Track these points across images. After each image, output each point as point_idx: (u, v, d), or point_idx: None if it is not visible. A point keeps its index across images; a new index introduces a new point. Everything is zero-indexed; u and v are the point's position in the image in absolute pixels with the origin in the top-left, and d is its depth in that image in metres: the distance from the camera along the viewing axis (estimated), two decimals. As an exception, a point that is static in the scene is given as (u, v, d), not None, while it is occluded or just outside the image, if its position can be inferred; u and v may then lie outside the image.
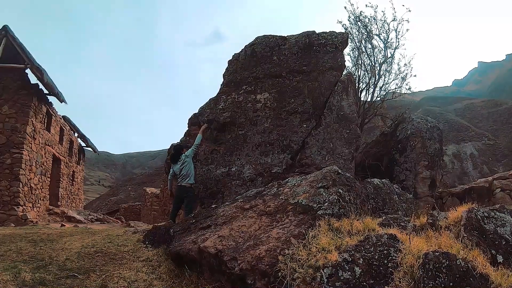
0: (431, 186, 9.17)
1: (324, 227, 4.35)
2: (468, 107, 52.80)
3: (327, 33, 9.31)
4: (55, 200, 17.05)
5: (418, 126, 9.60)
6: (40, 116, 14.51)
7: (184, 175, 7.86)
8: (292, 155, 8.07)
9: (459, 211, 4.27)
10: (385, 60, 11.64)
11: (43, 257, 5.45)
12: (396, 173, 9.40)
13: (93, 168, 64.73)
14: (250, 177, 7.95)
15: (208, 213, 5.81)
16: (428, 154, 9.25)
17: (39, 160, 14.34)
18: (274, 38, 9.51)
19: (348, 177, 5.51)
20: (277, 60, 9.15)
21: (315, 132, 8.18)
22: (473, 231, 3.80)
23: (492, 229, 3.79)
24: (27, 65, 12.90)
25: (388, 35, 11.63)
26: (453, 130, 41.69)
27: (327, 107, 8.36)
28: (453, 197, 10.19)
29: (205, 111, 8.91)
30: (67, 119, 19.33)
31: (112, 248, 5.95)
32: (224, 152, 8.41)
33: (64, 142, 18.44)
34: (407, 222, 4.47)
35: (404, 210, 6.02)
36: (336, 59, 8.87)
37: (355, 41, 11.88)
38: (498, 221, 3.89)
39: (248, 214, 5.17)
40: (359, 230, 4.24)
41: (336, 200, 4.83)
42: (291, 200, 5.08)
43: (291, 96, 8.55)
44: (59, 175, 17.77)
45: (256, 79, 9.00)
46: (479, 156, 38.10)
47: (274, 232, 4.48)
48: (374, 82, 11.56)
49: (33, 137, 13.69)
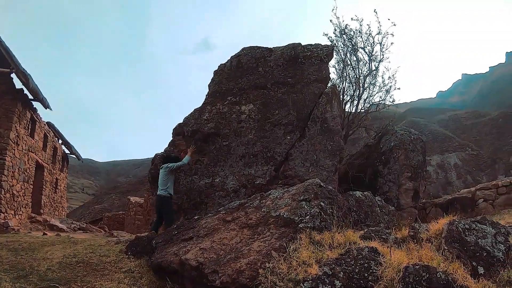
0: (414, 197, 9.26)
1: (305, 240, 4.37)
2: (452, 118, 53.85)
3: (313, 45, 9.40)
4: (37, 208, 16.71)
5: (401, 138, 9.71)
6: (24, 122, 14.28)
7: (160, 184, 7.82)
8: (276, 166, 8.08)
9: (441, 223, 4.32)
10: (369, 72, 11.75)
11: (24, 266, 5.38)
12: (380, 185, 9.48)
13: (77, 176, 63.91)
14: (233, 189, 7.94)
15: (191, 225, 5.80)
16: (411, 165, 9.34)
17: (22, 166, 14.08)
18: (260, 50, 9.58)
19: (330, 190, 5.55)
20: (262, 71, 9.20)
21: (299, 144, 8.21)
22: (454, 243, 3.86)
23: (473, 241, 3.85)
24: (12, 70, 12.63)
25: (373, 48, 11.73)
26: (437, 141, 42.37)
27: (311, 119, 8.40)
28: (437, 208, 10.30)
29: (190, 121, 8.89)
30: (51, 126, 19.05)
31: (94, 259, 5.91)
32: (208, 162, 8.39)
33: (47, 149, 18.15)
34: (389, 235, 4.52)
35: (386, 222, 6.07)
36: (321, 71, 8.94)
37: (340, 54, 11.97)
38: (479, 232, 3.95)
39: (230, 226, 5.17)
40: (341, 243, 4.27)
41: (317, 213, 4.86)
42: (273, 213, 5.10)
43: (276, 108, 8.58)
44: (42, 182, 17.45)
45: (241, 90, 9.02)
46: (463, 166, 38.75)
47: (255, 245, 4.49)
48: (358, 94, 11.65)
49: (16, 143, 13.45)
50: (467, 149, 40.93)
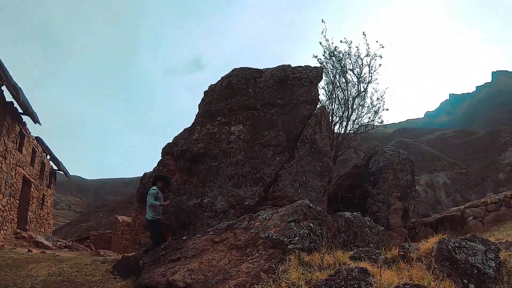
0: (403, 217, 9.28)
1: (295, 261, 4.36)
2: (440, 137, 54.46)
3: (302, 67, 9.55)
4: (23, 224, 16.35)
5: (390, 158, 9.80)
6: (13, 135, 14.11)
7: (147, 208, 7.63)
8: (265, 187, 8.10)
9: (430, 242, 4.35)
10: (358, 94, 11.96)
11: (7, 283, 5.29)
12: (369, 205, 9.51)
13: (64, 193, 62.87)
14: (222, 209, 7.90)
15: (179, 245, 5.75)
16: (400, 185, 9.40)
17: (8, 181, 13.84)
18: (250, 71, 9.69)
19: (320, 211, 5.57)
20: (252, 92, 9.29)
21: (288, 165, 8.25)
22: (444, 261, 3.87)
23: (464, 258, 3.87)
24: (3, 82, 12.49)
25: (362, 70, 11.97)
26: (425, 160, 42.71)
27: (300, 140, 8.47)
28: (426, 227, 10.35)
29: (180, 141, 8.89)
30: (40, 141, 18.84)
31: (80, 278, 5.83)
32: (196, 183, 8.36)
33: (35, 164, 17.91)
34: (378, 255, 4.52)
35: (376, 242, 6.08)
36: (311, 93, 9.06)
37: (329, 75, 12.17)
38: (470, 250, 3.98)
39: (219, 247, 5.14)
40: (330, 264, 4.26)
41: (306, 234, 4.87)
42: (261, 234, 5.09)
43: (265, 129, 8.64)
44: (28, 198, 17.11)
45: (231, 111, 9.08)
46: (451, 184, 38.97)
47: (244, 266, 4.46)
48: (347, 115, 11.81)
49: (4, 157, 13.25)
50: (456, 168, 41.28)
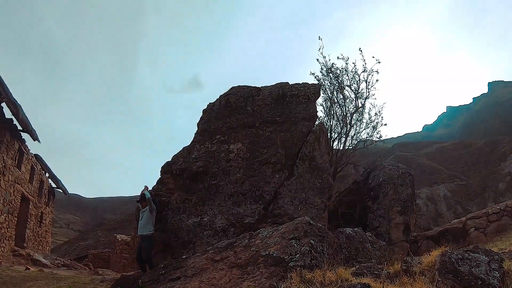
0: (405, 231, 9.24)
1: (296, 279, 4.32)
2: (439, 150, 54.58)
3: (300, 84, 9.62)
4: (21, 241, 16.25)
5: (389, 173, 9.81)
6: (12, 152, 14.12)
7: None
8: (265, 205, 8.08)
9: (433, 255, 4.32)
10: (356, 110, 12.02)
11: (4, 301, 5.22)
12: (370, 220, 9.48)
13: (63, 211, 62.45)
14: (222, 228, 7.86)
15: (178, 264, 5.69)
16: (401, 199, 9.39)
17: (7, 198, 13.79)
18: (249, 89, 9.74)
19: (320, 228, 5.54)
20: (251, 110, 9.33)
21: (287, 182, 8.24)
22: (447, 274, 3.84)
23: (467, 270, 3.83)
24: (3, 99, 12.57)
25: (359, 86, 12.06)
26: (425, 173, 42.71)
27: (299, 157, 8.48)
28: (428, 240, 10.28)
29: (179, 159, 8.89)
30: (39, 158, 18.83)
31: (78, 297, 5.73)
32: (196, 201, 8.32)
33: (34, 182, 17.86)
34: (381, 270, 4.49)
35: (378, 258, 6.05)
36: (309, 110, 9.11)
37: (327, 92, 12.27)
38: (473, 261, 3.94)
39: (219, 266, 5.10)
40: (332, 280, 4.22)
41: (308, 251, 4.84)
42: (262, 252, 5.05)
43: (264, 147, 8.66)
44: (26, 215, 17.01)
45: (230, 129, 9.10)
46: (452, 197, 38.87)
47: (244, 285, 4.43)
48: (346, 131, 11.86)
49: (2, 174, 13.22)
50: (456, 180, 41.27)
